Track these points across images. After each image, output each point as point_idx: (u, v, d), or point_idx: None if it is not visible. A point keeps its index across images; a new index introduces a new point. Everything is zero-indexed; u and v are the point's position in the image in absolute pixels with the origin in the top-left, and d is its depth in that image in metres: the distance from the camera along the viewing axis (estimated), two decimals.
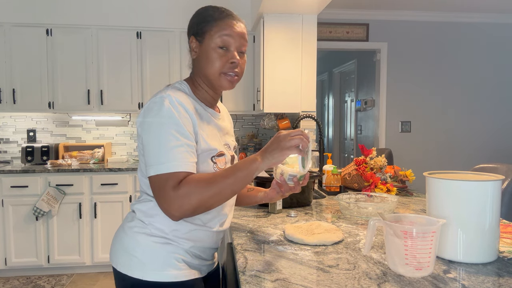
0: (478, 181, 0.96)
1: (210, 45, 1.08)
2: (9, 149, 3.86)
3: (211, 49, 1.08)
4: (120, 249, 1.10)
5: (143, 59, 3.66)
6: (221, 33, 1.08)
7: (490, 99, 4.79)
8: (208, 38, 1.08)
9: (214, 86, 1.12)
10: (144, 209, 1.10)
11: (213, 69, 1.08)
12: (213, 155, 1.08)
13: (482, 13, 4.60)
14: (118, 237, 1.13)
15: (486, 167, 2.17)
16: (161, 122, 0.98)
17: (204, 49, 1.09)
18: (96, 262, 3.39)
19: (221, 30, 1.08)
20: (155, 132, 0.98)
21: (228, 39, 1.08)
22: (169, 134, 0.97)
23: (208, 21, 1.10)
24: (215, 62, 1.08)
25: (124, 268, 1.08)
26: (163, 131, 0.98)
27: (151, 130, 0.99)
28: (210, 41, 1.08)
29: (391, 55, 4.62)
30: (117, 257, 1.11)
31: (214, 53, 1.08)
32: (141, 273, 1.05)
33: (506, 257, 1.01)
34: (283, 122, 3.71)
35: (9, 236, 3.29)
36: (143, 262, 1.05)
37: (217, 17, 1.10)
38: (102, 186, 3.35)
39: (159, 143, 0.97)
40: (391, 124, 4.68)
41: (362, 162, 2.00)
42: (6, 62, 3.49)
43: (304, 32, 3.35)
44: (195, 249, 1.11)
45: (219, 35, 1.08)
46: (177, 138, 0.98)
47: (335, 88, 6.26)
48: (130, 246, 1.08)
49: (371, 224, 0.97)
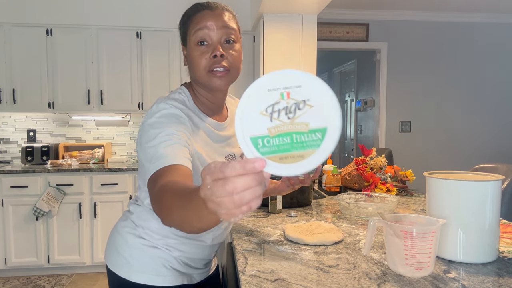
0: (478, 181, 0.96)
1: (190, 45, 0.99)
2: (9, 149, 3.86)
3: (192, 48, 0.99)
4: (111, 247, 1.11)
5: (143, 59, 3.66)
6: (196, 28, 0.97)
7: (490, 99, 4.79)
8: (189, 39, 1.00)
9: (208, 89, 1.03)
10: (137, 211, 1.09)
11: (199, 69, 0.98)
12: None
13: (482, 13, 4.60)
14: (112, 234, 1.14)
15: (486, 167, 2.17)
16: (151, 124, 0.92)
17: (189, 52, 1.01)
18: (96, 262, 3.39)
19: (196, 25, 0.97)
20: (146, 137, 0.91)
21: (205, 32, 0.96)
22: (160, 134, 0.89)
23: (185, 21, 1.02)
24: (198, 61, 0.98)
25: (113, 266, 1.08)
26: (153, 133, 0.90)
27: (142, 136, 0.93)
28: (190, 40, 0.99)
29: (391, 55, 4.62)
30: (108, 255, 1.11)
31: (195, 51, 0.98)
32: (128, 274, 1.04)
33: (506, 257, 1.01)
34: None
35: (9, 236, 3.29)
36: (130, 263, 1.05)
37: (191, 13, 1.00)
38: (102, 186, 3.35)
39: (147, 147, 0.90)
40: (391, 124, 4.68)
41: (362, 162, 2.00)
42: (6, 62, 3.49)
43: (304, 32, 3.35)
44: (184, 258, 1.09)
45: (194, 31, 0.97)
46: (164, 138, 0.89)
47: (335, 88, 6.26)
48: (120, 245, 1.07)
49: (371, 224, 0.97)
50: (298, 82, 0.50)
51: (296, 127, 0.50)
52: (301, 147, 0.50)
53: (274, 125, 0.51)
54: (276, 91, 0.51)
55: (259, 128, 0.50)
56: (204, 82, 1.00)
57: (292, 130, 0.50)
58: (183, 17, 1.03)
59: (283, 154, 0.50)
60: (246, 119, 0.51)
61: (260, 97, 0.51)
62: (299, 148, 0.50)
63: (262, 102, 0.51)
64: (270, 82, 0.51)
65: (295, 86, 0.50)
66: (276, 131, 0.50)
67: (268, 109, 0.51)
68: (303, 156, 0.50)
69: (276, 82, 0.50)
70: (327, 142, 0.50)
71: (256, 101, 0.51)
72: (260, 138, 0.50)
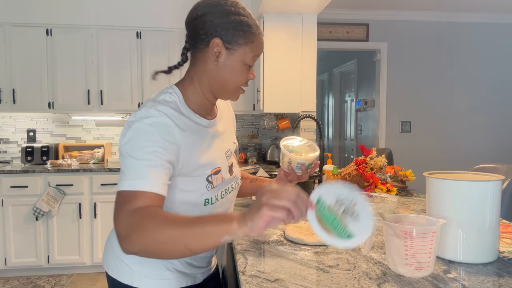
0: (478, 181, 0.96)
1: (241, 60, 0.98)
2: (9, 149, 3.86)
3: (241, 63, 0.98)
4: (110, 253, 1.08)
5: (143, 59, 3.66)
6: (256, 53, 1.00)
7: (490, 99, 4.79)
8: (241, 53, 0.97)
9: (221, 96, 1.04)
10: None
11: (234, 82, 1.00)
12: (208, 174, 1.00)
13: (482, 13, 4.60)
14: (109, 240, 1.10)
15: (486, 167, 2.17)
16: (133, 139, 0.89)
17: (232, 61, 0.98)
18: (96, 262, 3.39)
19: (256, 50, 1.00)
20: (126, 149, 0.89)
21: (256, 59, 1.02)
22: (140, 151, 0.88)
23: (246, 34, 0.97)
24: (239, 76, 1.00)
25: (113, 272, 1.05)
26: (133, 149, 0.88)
27: (123, 147, 0.90)
28: (242, 56, 0.98)
29: (391, 55, 4.62)
30: (108, 261, 1.08)
31: (240, 67, 0.99)
32: (130, 279, 1.02)
33: (506, 257, 1.01)
34: (283, 122, 3.71)
35: (9, 236, 3.29)
36: (132, 269, 1.02)
37: (255, 32, 0.99)
38: (102, 186, 3.35)
39: (128, 161, 0.88)
40: (391, 124, 4.68)
41: (362, 162, 2.00)
42: (6, 62, 3.49)
43: (304, 32, 3.35)
44: (188, 258, 1.07)
45: (253, 54, 0.99)
46: (149, 156, 0.87)
47: (335, 88, 6.26)
48: (120, 251, 1.02)
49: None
50: (361, 201, 0.77)
51: (342, 219, 0.76)
52: (333, 228, 0.76)
53: (334, 207, 0.77)
54: (350, 197, 0.77)
55: (330, 199, 0.77)
56: (228, 91, 1.02)
57: (339, 218, 0.76)
58: (245, 26, 0.97)
59: (322, 219, 0.76)
60: (328, 190, 0.78)
61: (338, 192, 0.78)
62: (331, 227, 0.76)
63: (339, 194, 0.77)
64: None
65: (359, 202, 0.77)
66: (332, 209, 0.77)
67: (339, 200, 0.77)
68: (329, 232, 0.75)
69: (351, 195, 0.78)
70: (345, 243, 0.75)
71: (336, 191, 0.78)
72: (323, 202, 0.77)
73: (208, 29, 0.96)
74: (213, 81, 1.00)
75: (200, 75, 1.01)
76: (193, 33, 0.99)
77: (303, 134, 3.44)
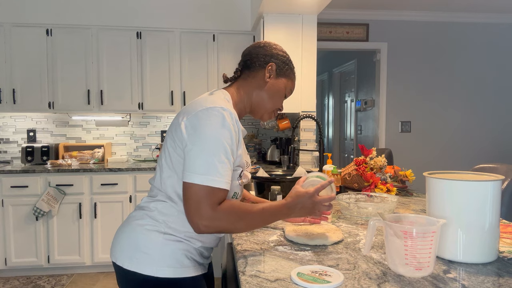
0: (478, 181, 0.96)
1: (283, 87, 1.26)
2: (9, 149, 3.86)
3: (282, 90, 1.25)
4: (129, 247, 1.12)
5: (143, 59, 3.66)
6: (291, 88, 1.29)
7: (490, 99, 4.79)
8: (284, 82, 1.26)
9: (255, 112, 1.27)
10: (160, 207, 1.12)
11: (272, 102, 1.25)
12: (242, 171, 1.16)
13: (482, 13, 4.60)
14: (125, 235, 1.14)
15: (486, 167, 2.17)
16: (218, 137, 1.02)
17: (277, 84, 1.24)
18: (96, 262, 3.39)
19: (291, 87, 1.29)
20: (210, 144, 1.02)
21: (289, 96, 1.31)
22: (223, 150, 1.02)
23: (290, 71, 1.27)
24: (277, 99, 1.26)
25: (133, 265, 1.09)
26: (218, 145, 1.02)
27: (206, 140, 1.02)
28: (284, 85, 1.26)
29: (391, 55, 4.62)
30: (124, 255, 1.12)
31: (281, 94, 1.26)
32: (153, 270, 1.08)
33: (506, 257, 1.01)
34: (283, 122, 3.71)
35: (9, 236, 3.29)
36: (155, 259, 1.08)
37: (294, 75, 1.30)
38: (102, 186, 3.35)
39: (212, 155, 1.01)
40: (391, 124, 4.68)
41: (362, 162, 2.00)
42: (6, 62, 3.49)
43: (304, 32, 3.35)
44: (203, 248, 1.17)
45: (290, 89, 1.29)
46: (227, 156, 1.03)
47: (335, 88, 6.26)
48: (142, 243, 1.10)
49: (371, 224, 0.97)
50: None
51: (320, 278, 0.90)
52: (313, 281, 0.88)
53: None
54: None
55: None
56: (260, 110, 1.26)
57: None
58: (291, 67, 1.28)
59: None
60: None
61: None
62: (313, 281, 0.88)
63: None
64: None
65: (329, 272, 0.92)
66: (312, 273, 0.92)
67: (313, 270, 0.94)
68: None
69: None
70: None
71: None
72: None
73: (269, 55, 1.24)
74: (257, 97, 1.24)
75: (248, 88, 1.24)
76: (255, 56, 1.24)
77: (303, 134, 3.44)
